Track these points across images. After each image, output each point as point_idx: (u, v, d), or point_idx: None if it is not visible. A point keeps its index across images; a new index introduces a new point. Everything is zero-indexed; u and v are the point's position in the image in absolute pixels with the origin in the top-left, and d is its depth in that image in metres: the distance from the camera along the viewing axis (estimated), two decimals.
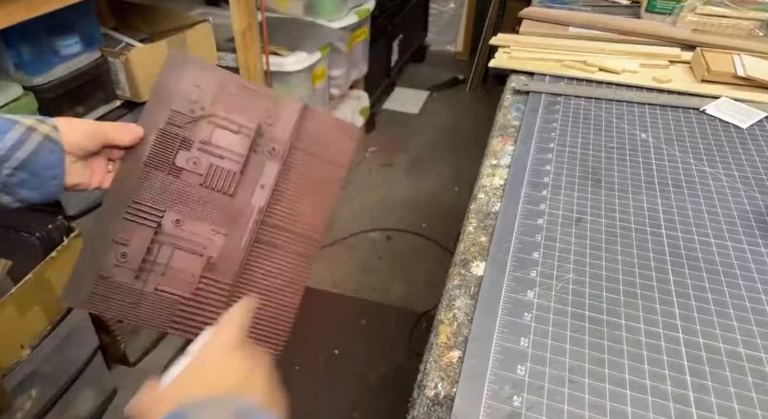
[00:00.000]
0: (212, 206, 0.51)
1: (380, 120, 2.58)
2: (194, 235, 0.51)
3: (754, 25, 1.05)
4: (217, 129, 0.52)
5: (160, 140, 0.51)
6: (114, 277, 0.49)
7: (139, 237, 0.49)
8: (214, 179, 0.51)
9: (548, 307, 0.50)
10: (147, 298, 0.49)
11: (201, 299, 0.50)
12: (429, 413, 0.43)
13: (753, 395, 0.43)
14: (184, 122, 0.51)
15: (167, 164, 0.51)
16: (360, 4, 1.95)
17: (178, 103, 0.52)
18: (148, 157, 0.50)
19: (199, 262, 0.51)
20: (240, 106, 0.53)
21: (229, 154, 0.52)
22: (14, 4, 0.80)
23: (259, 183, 0.52)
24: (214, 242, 0.51)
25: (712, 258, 0.56)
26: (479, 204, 0.65)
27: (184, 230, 0.51)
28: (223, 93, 0.53)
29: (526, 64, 0.97)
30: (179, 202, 0.51)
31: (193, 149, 0.51)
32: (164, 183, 0.51)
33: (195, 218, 0.51)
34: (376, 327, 1.57)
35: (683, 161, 0.72)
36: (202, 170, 0.51)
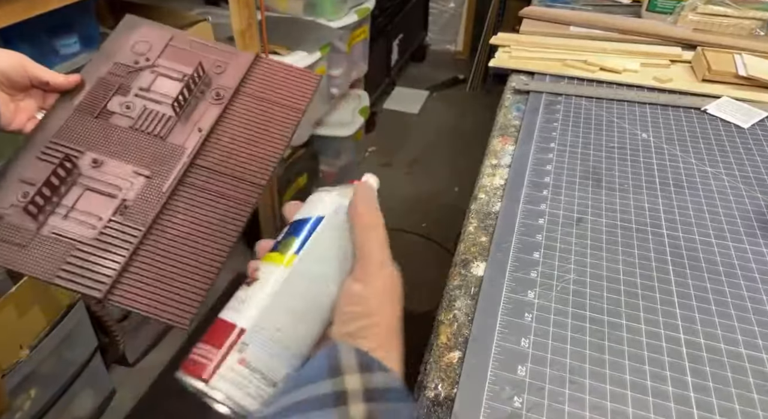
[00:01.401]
0: (139, 147, 0.48)
1: (380, 120, 2.57)
2: (111, 176, 0.47)
3: (755, 24, 1.05)
4: (159, 78, 0.51)
5: (97, 87, 0.50)
6: (8, 218, 0.44)
7: (47, 176, 0.45)
8: (145, 122, 0.49)
9: (549, 307, 0.50)
10: (39, 241, 0.44)
11: (102, 244, 0.44)
12: (429, 413, 0.42)
13: (754, 396, 0.43)
14: (126, 72, 0.51)
15: (98, 108, 0.49)
16: (360, 4, 1.95)
17: (122, 56, 0.51)
18: (82, 103, 0.49)
19: (111, 204, 0.46)
20: (188, 58, 0.52)
21: (167, 99, 0.50)
22: (14, 3, 0.80)
23: (196, 127, 0.50)
24: (132, 185, 0.47)
25: (713, 258, 0.56)
26: (479, 204, 0.64)
27: (103, 171, 0.47)
28: (172, 48, 0.52)
29: (526, 63, 0.97)
30: (103, 143, 0.48)
31: (129, 95, 0.50)
32: (90, 126, 0.49)
33: (117, 158, 0.48)
34: None
35: (684, 161, 0.72)
36: (134, 114, 0.50)
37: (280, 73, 0.54)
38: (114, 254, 0.44)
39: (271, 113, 0.52)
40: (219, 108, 0.51)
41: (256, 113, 0.52)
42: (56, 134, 0.47)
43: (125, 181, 0.47)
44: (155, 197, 0.46)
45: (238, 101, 0.52)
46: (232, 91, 0.51)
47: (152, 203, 0.46)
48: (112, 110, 0.49)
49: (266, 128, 0.51)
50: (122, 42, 0.52)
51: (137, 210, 0.46)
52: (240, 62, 0.53)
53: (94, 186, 0.46)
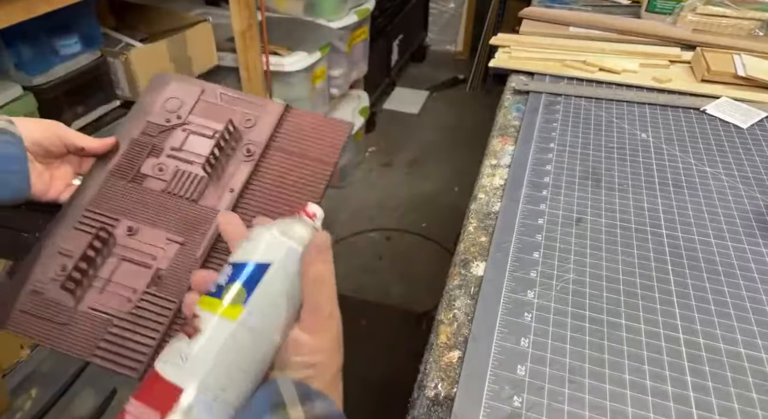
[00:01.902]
0: (172, 212, 0.47)
1: (380, 120, 2.58)
2: (146, 245, 0.46)
3: (754, 24, 1.05)
4: (191, 136, 0.50)
5: (130, 149, 0.48)
6: (48, 293, 0.43)
7: (87, 248, 0.44)
8: (178, 184, 0.48)
9: (548, 307, 0.50)
10: (78, 319, 0.43)
11: (137, 319, 0.43)
12: (429, 413, 0.43)
13: (754, 395, 0.43)
14: (158, 131, 0.49)
15: (132, 172, 0.48)
16: (360, 4, 1.95)
17: (154, 115, 0.50)
18: (115, 166, 0.48)
19: (145, 275, 0.45)
20: (218, 112, 0.51)
21: (198, 158, 0.49)
22: (14, 4, 0.80)
23: (228, 187, 0.48)
24: (165, 252, 0.45)
25: (712, 258, 0.56)
26: (479, 204, 0.64)
27: (137, 239, 0.46)
28: (202, 102, 0.51)
29: (526, 64, 0.97)
30: (137, 210, 0.47)
31: (162, 156, 0.49)
32: (124, 191, 0.47)
33: (151, 225, 0.46)
34: (376, 327, 1.57)
35: (683, 161, 0.72)
36: (167, 176, 0.48)
37: (311, 124, 0.52)
38: (149, 329, 0.43)
39: (302, 168, 0.50)
40: (250, 166, 0.49)
41: (287, 168, 0.50)
42: (91, 202, 0.46)
43: (159, 249, 0.46)
44: (188, 266, 0.45)
45: (269, 157, 0.50)
46: (262, 147, 0.50)
47: (186, 272, 0.45)
48: (145, 173, 0.48)
49: (297, 184, 0.49)
50: (154, 99, 0.51)
51: (171, 280, 0.45)
52: (270, 114, 0.51)
53: (129, 256, 0.46)
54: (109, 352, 0.42)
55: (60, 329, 0.43)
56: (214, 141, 0.48)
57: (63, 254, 0.45)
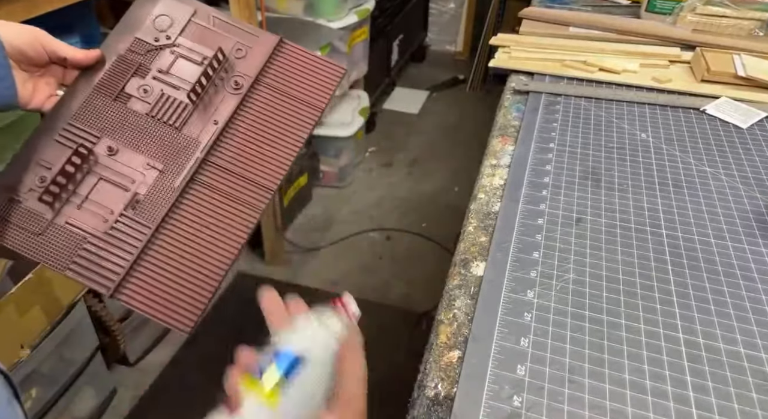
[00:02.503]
0: (154, 137, 0.47)
1: (380, 120, 2.58)
2: (125, 167, 0.46)
3: (754, 25, 1.05)
4: (179, 59, 0.49)
5: (116, 65, 0.47)
6: (26, 202, 0.44)
7: (64, 161, 0.44)
8: (162, 109, 0.47)
9: (548, 307, 0.50)
10: (54, 231, 0.44)
11: (112, 239, 0.44)
12: (429, 413, 0.43)
13: (753, 395, 0.43)
14: (145, 50, 0.48)
15: (116, 90, 0.47)
16: (360, 4, 1.95)
17: (143, 32, 0.49)
18: (100, 81, 0.47)
19: (123, 197, 0.45)
20: (210, 37, 0.50)
21: (185, 84, 0.48)
22: (14, 4, 0.80)
23: (212, 119, 0.48)
24: (145, 178, 0.46)
25: (712, 258, 0.56)
26: (479, 204, 0.65)
27: (117, 160, 0.46)
28: (194, 25, 0.50)
29: (526, 64, 0.97)
30: (119, 129, 0.46)
31: (147, 76, 0.48)
32: (108, 109, 0.47)
33: (132, 148, 0.46)
34: (376, 327, 1.57)
35: (683, 161, 0.72)
36: (151, 98, 0.47)
37: (303, 62, 0.51)
38: (123, 250, 0.44)
39: (290, 109, 0.49)
40: (236, 99, 0.48)
41: (274, 107, 0.49)
42: (74, 116, 0.46)
43: (138, 173, 0.46)
44: (166, 194, 0.46)
45: (257, 92, 0.49)
46: (251, 81, 0.49)
47: (163, 200, 0.45)
48: (130, 93, 0.47)
49: (283, 125, 0.49)
50: (144, 14, 0.49)
51: (148, 206, 0.45)
52: (262, 47, 0.50)
53: (108, 176, 0.46)
54: (82, 267, 0.43)
55: (35, 239, 0.43)
56: (203, 68, 0.48)
57: (42, 165, 0.45)
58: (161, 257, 0.44)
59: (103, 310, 1.20)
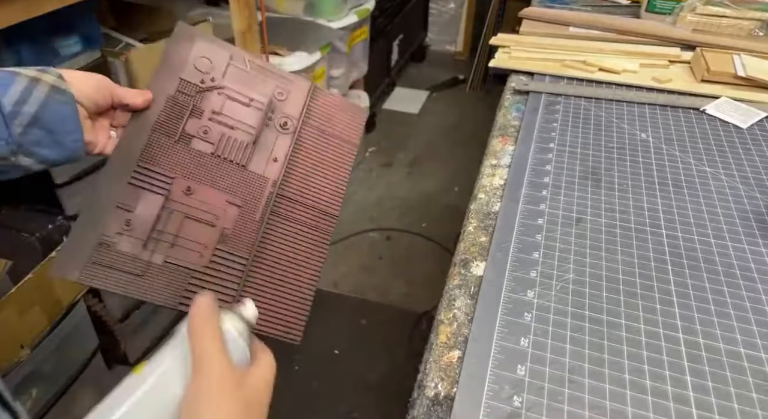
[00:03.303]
0: (224, 175, 0.49)
1: (380, 120, 2.58)
2: (206, 204, 0.48)
3: (753, 25, 1.05)
4: (228, 101, 0.51)
5: (170, 106, 0.49)
6: (118, 246, 0.44)
7: (146, 204, 0.46)
8: (226, 148, 0.50)
9: (548, 307, 0.50)
10: (154, 270, 0.45)
11: (214, 272, 0.47)
12: (429, 413, 0.43)
13: (753, 395, 0.43)
14: (194, 91, 0.50)
15: (176, 131, 0.48)
16: (360, 4, 1.95)
17: (187, 73, 0.50)
18: (157, 123, 0.48)
19: (212, 233, 0.47)
20: (251, 80, 0.53)
21: (240, 125, 0.51)
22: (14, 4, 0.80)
23: (271, 156, 0.51)
24: (227, 213, 0.48)
25: (712, 258, 0.56)
26: (479, 204, 0.65)
27: (195, 199, 0.48)
28: (232, 67, 0.52)
29: (526, 64, 0.97)
30: (190, 170, 0.48)
31: (203, 118, 0.50)
32: (174, 150, 0.48)
33: (207, 186, 0.48)
34: (376, 327, 1.57)
35: (683, 161, 0.72)
36: (213, 139, 0.49)
37: (334, 104, 0.56)
38: (228, 281, 0.47)
39: (332, 145, 0.55)
40: (289, 138, 0.52)
41: (321, 144, 0.54)
42: (142, 158, 0.47)
43: (219, 209, 0.48)
44: (250, 226, 0.49)
45: (303, 132, 0.53)
46: (298, 121, 0.53)
47: (249, 232, 0.49)
48: (191, 134, 0.49)
49: (330, 160, 0.54)
50: (183, 55, 0.50)
51: (237, 239, 0.48)
52: (299, 91, 0.54)
53: (193, 214, 0.47)
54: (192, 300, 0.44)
55: (138, 280, 0.45)
56: (260, 111, 0.51)
57: (122, 208, 0.45)
58: (261, 282, 0.48)
59: (103, 310, 1.20)
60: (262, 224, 0.49)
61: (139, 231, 0.45)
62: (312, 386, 1.39)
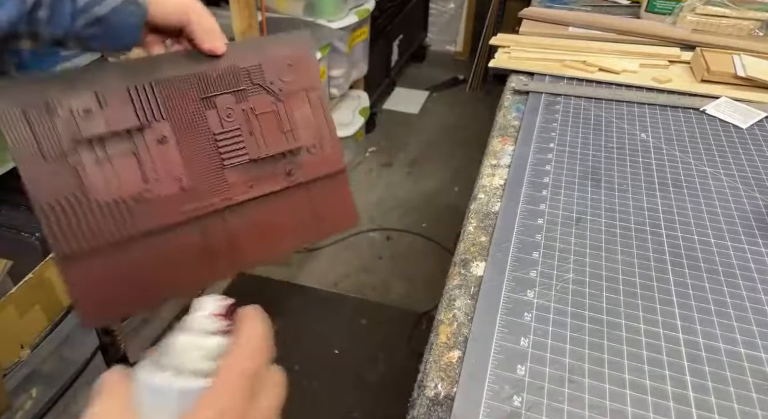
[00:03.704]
0: (201, 158, 0.43)
1: (380, 120, 2.58)
2: (160, 162, 0.42)
3: (754, 25, 1.05)
4: (271, 115, 0.46)
5: (226, 72, 0.45)
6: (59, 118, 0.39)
7: (119, 115, 0.40)
8: (227, 141, 0.45)
9: (548, 307, 0.50)
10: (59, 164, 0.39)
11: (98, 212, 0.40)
12: (429, 413, 0.43)
13: (753, 395, 0.43)
14: (257, 82, 0.46)
15: (209, 92, 0.44)
16: (360, 4, 1.95)
17: (270, 65, 0.46)
18: (203, 72, 0.44)
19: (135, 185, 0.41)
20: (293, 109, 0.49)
21: (261, 139, 0.46)
22: None
23: (250, 183, 0.46)
24: (165, 183, 0.42)
25: (712, 258, 0.56)
26: (479, 204, 0.65)
27: (159, 150, 0.42)
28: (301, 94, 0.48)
29: (525, 64, 0.97)
30: (183, 127, 0.43)
31: (241, 103, 0.45)
32: (189, 102, 0.43)
33: (179, 151, 0.43)
34: (376, 327, 1.57)
35: (683, 161, 0.72)
36: (227, 125, 0.45)
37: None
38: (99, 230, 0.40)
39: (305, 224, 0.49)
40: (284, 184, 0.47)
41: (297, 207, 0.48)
42: (158, 81, 0.42)
43: (165, 175, 0.42)
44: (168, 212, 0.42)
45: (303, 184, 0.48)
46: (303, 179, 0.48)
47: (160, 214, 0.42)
48: (216, 105, 0.44)
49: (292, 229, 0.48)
50: (284, 54, 0.47)
51: (145, 209, 0.42)
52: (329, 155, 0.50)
53: (142, 158, 0.41)
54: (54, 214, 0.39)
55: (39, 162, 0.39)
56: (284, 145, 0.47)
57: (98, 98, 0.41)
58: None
59: None
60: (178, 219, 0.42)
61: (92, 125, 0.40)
62: (312, 386, 1.39)
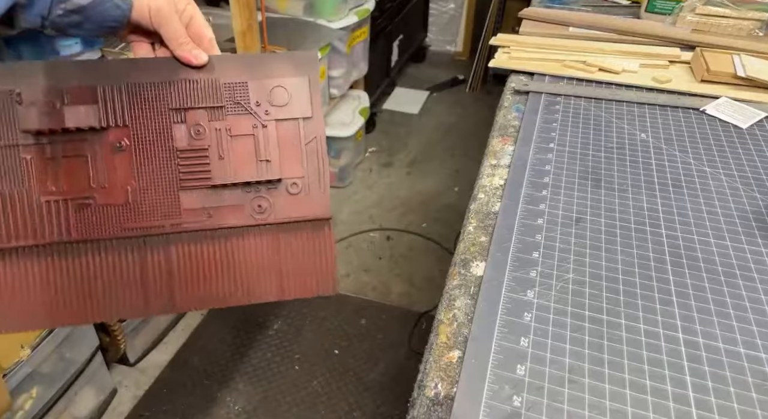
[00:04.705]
0: (159, 172, 0.41)
1: (380, 120, 2.58)
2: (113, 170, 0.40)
3: (753, 25, 1.05)
4: (248, 141, 0.43)
5: (207, 86, 0.42)
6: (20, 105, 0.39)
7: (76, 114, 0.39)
8: (191, 160, 0.42)
9: (548, 307, 0.50)
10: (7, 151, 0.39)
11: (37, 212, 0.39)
12: (429, 413, 0.43)
13: (753, 395, 0.43)
14: (239, 102, 0.43)
15: (184, 105, 0.41)
16: (360, 4, 1.95)
17: (255, 86, 0.43)
18: (179, 81, 0.41)
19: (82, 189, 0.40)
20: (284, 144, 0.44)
21: (227, 166, 0.43)
22: None
23: (207, 212, 0.43)
24: (113, 194, 0.40)
25: (711, 258, 0.56)
26: (479, 204, 0.65)
27: (114, 158, 0.40)
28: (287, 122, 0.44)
29: (525, 64, 0.97)
30: (148, 138, 0.41)
31: (216, 122, 0.42)
32: (159, 112, 0.41)
33: (137, 161, 0.40)
34: (376, 327, 1.57)
35: (683, 161, 0.72)
36: (195, 143, 0.42)
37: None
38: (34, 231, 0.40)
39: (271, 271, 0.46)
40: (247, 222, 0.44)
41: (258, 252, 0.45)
42: (130, 86, 0.40)
43: (115, 184, 0.40)
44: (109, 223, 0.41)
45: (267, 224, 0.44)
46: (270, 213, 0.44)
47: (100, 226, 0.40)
48: (188, 120, 0.42)
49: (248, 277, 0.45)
50: (274, 69, 0.44)
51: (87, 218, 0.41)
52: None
53: (96, 163, 0.40)
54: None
55: None
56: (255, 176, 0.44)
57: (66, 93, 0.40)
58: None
59: None
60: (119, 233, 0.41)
61: (50, 119, 0.39)
62: (312, 386, 1.39)
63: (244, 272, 0.43)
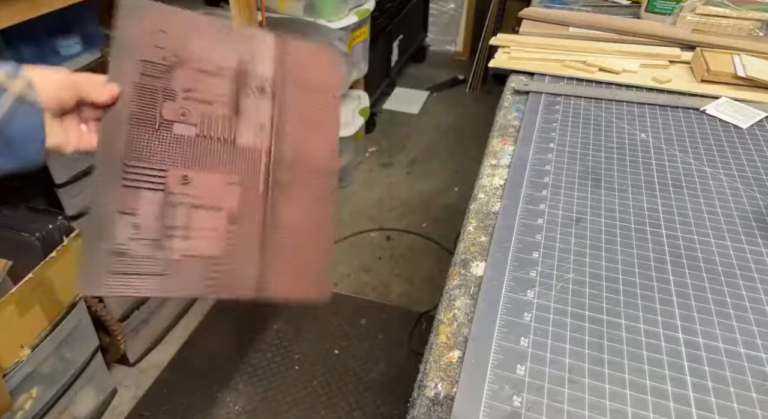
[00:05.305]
0: (216, 155, 0.47)
1: (380, 120, 2.58)
2: (207, 190, 0.47)
3: (754, 25, 1.05)
4: (198, 74, 0.48)
5: (139, 94, 0.45)
6: (132, 251, 0.44)
7: (147, 203, 0.44)
8: (210, 127, 0.47)
9: (548, 307, 0.50)
10: (174, 266, 0.45)
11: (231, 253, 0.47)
12: (429, 413, 0.43)
13: (753, 395, 0.43)
14: (160, 71, 0.46)
15: (155, 119, 0.45)
16: (360, 4, 1.95)
17: (147, 53, 0.46)
18: (132, 114, 0.45)
19: (220, 217, 0.47)
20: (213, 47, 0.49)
21: (217, 98, 0.48)
22: (15, 4, 0.80)
23: (257, 124, 0.49)
24: (230, 194, 0.47)
25: (712, 258, 0.56)
26: (479, 204, 0.65)
27: (194, 186, 0.46)
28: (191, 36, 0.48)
29: (525, 64, 0.97)
30: (180, 158, 0.46)
31: (178, 99, 0.47)
32: (156, 139, 0.45)
33: (202, 171, 0.47)
34: (376, 327, 1.57)
35: (683, 161, 0.72)
36: (194, 119, 0.47)
37: (306, 52, 0.53)
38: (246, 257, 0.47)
39: (314, 97, 0.52)
40: (268, 101, 0.50)
41: (301, 99, 0.52)
42: (128, 156, 0.44)
43: (222, 191, 0.47)
44: (256, 201, 0.48)
45: (282, 91, 0.51)
46: (271, 81, 0.51)
47: (256, 207, 0.48)
48: (170, 119, 0.46)
49: (316, 113, 0.52)
50: (135, 32, 0.46)
51: (246, 216, 0.48)
52: (264, 46, 0.51)
53: (197, 203, 0.46)
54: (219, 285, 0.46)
55: (161, 280, 0.45)
56: (230, 79, 0.49)
57: (125, 213, 0.44)
58: (279, 251, 0.49)
59: (103, 310, 1.20)
60: (267, 196, 0.49)
61: (148, 232, 0.44)
62: (312, 386, 1.39)
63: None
